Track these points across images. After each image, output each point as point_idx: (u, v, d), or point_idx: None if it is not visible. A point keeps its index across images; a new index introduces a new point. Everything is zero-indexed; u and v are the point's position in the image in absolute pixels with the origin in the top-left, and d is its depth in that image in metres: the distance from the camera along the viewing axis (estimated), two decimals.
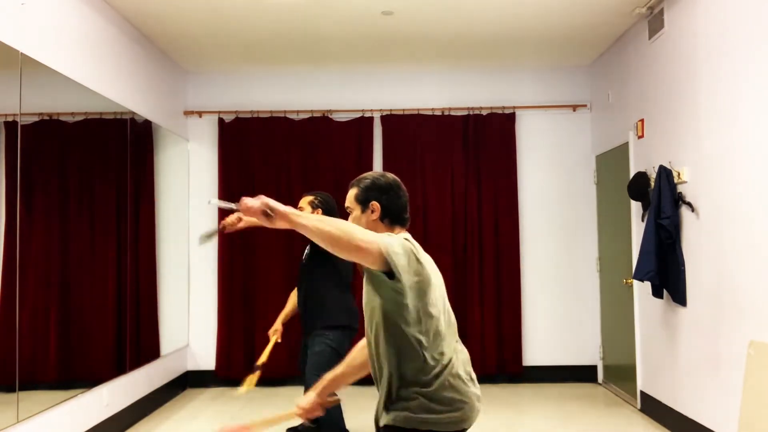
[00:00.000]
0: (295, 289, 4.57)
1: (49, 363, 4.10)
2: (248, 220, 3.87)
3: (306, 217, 2.02)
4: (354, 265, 4.17)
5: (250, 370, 4.59)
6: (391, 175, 2.35)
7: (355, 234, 1.98)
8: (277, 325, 4.64)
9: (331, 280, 4.23)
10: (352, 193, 2.32)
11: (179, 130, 6.46)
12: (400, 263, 2.04)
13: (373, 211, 2.27)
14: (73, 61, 4.35)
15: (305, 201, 4.44)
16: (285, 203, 2.15)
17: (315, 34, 5.60)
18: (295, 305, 4.53)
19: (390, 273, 2.04)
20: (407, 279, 2.06)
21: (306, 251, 4.41)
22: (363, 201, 2.29)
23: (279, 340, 4.63)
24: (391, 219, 2.28)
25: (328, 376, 2.51)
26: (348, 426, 5.19)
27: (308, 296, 4.29)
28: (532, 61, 6.53)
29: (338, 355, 4.20)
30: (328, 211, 4.45)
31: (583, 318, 6.57)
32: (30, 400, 3.80)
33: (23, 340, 3.74)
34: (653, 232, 4.63)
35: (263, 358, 4.57)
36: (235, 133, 6.59)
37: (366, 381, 7.24)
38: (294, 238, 6.53)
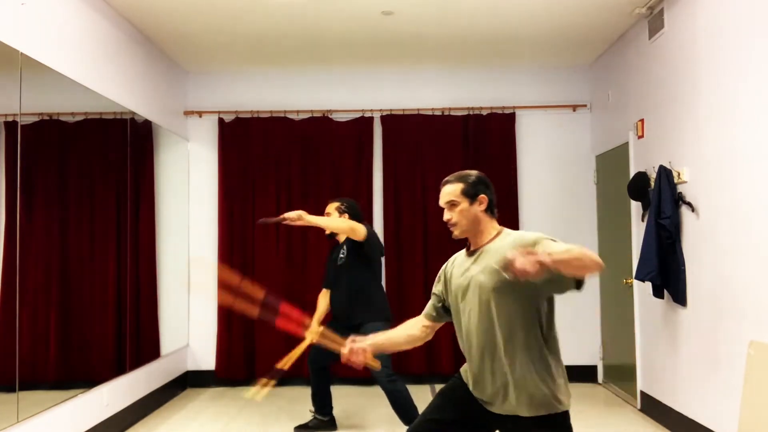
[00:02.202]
0: (325, 290, 4.91)
1: (49, 363, 4.10)
2: (309, 220, 4.27)
3: None
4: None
5: (270, 373, 4.63)
6: (481, 172, 2.62)
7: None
8: (315, 326, 4.67)
9: (375, 279, 4.66)
10: (458, 187, 2.54)
11: (179, 130, 6.46)
12: None
13: (481, 203, 2.52)
14: (73, 61, 4.35)
15: (332, 207, 4.78)
16: (284, 203, 2.23)
17: (315, 34, 5.60)
18: (328, 305, 4.86)
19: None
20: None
21: (341, 253, 4.68)
22: (473, 194, 2.52)
23: (315, 341, 4.67)
24: (492, 211, 2.55)
25: (382, 336, 2.76)
26: (348, 425, 5.20)
27: (353, 294, 4.61)
28: (532, 61, 6.53)
29: None
30: (355, 216, 4.75)
31: (583, 318, 6.56)
32: (30, 400, 3.80)
33: (23, 340, 3.74)
34: (653, 232, 4.63)
35: (290, 359, 4.54)
36: (235, 133, 6.59)
37: (365, 381, 7.20)
38: (293, 239, 6.53)
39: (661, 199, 4.58)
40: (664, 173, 4.61)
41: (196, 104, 6.72)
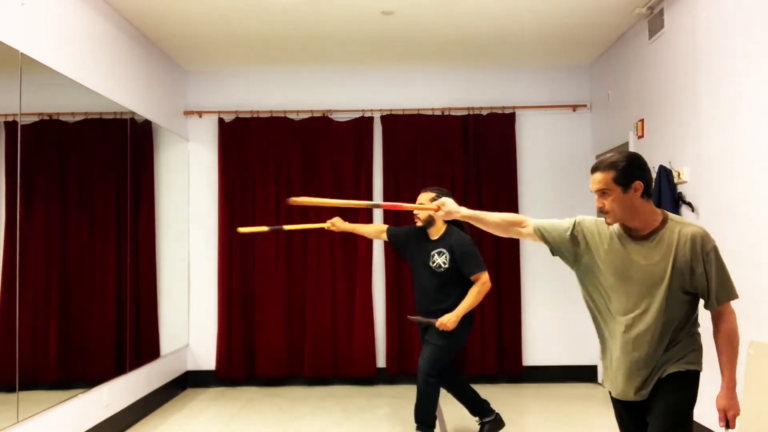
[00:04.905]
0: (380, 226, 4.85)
1: (49, 363, 4.10)
2: None
3: None
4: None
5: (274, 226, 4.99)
6: (635, 153, 2.51)
7: None
8: (340, 223, 4.72)
9: (466, 283, 4.42)
10: (608, 176, 2.41)
11: (179, 130, 6.46)
12: None
13: (636, 190, 2.40)
14: (73, 61, 4.35)
15: (425, 197, 4.47)
16: (284, 203, 2.23)
17: (315, 34, 5.60)
18: (367, 231, 4.82)
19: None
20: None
21: (442, 260, 4.37)
22: (625, 183, 2.39)
23: (329, 227, 4.72)
24: (648, 194, 2.43)
25: (481, 213, 2.85)
26: (348, 425, 5.18)
27: (440, 300, 4.37)
28: (532, 61, 6.53)
29: (455, 350, 4.47)
30: None
31: (583, 318, 6.54)
32: (30, 400, 3.80)
33: (23, 340, 3.74)
34: None
35: (295, 226, 4.93)
36: (235, 133, 6.59)
37: (365, 381, 7.16)
38: (293, 238, 6.53)
39: (661, 199, 4.58)
40: (664, 173, 4.61)
41: (196, 104, 6.72)
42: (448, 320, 4.26)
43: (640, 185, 2.40)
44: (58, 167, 4.25)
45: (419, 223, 4.48)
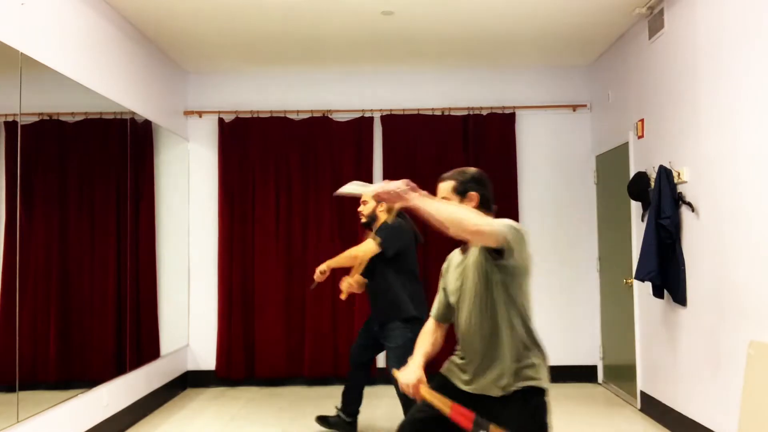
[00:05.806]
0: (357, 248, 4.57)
1: (49, 363, 4.10)
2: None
3: (431, 203, 2.33)
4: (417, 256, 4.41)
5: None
6: (479, 170, 2.65)
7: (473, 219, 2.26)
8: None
9: (400, 276, 4.38)
10: (449, 185, 2.59)
11: (179, 130, 6.46)
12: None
13: (471, 200, 2.56)
14: (73, 61, 4.35)
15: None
16: (284, 203, 2.21)
17: (315, 34, 5.60)
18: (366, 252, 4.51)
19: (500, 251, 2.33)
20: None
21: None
22: (462, 192, 2.57)
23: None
24: (485, 208, 2.55)
25: (419, 355, 2.72)
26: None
27: (381, 290, 4.39)
28: (532, 61, 6.53)
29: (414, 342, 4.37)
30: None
31: (583, 318, 6.56)
32: (30, 400, 3.80)
33: (23, 340, 3.74)
34: (653, 232, 4.63)
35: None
36: (235, 133, 6.60)
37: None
38: (293, 237, 6.53)
39: (661, 199, 4.58)
40: (664, 173, 4.61)
41: (196, 104, 6.72)
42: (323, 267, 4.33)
43: (476, 196, 2.55)
44: (58, 167, 4.24)
45: (363, 220, 4.54)
